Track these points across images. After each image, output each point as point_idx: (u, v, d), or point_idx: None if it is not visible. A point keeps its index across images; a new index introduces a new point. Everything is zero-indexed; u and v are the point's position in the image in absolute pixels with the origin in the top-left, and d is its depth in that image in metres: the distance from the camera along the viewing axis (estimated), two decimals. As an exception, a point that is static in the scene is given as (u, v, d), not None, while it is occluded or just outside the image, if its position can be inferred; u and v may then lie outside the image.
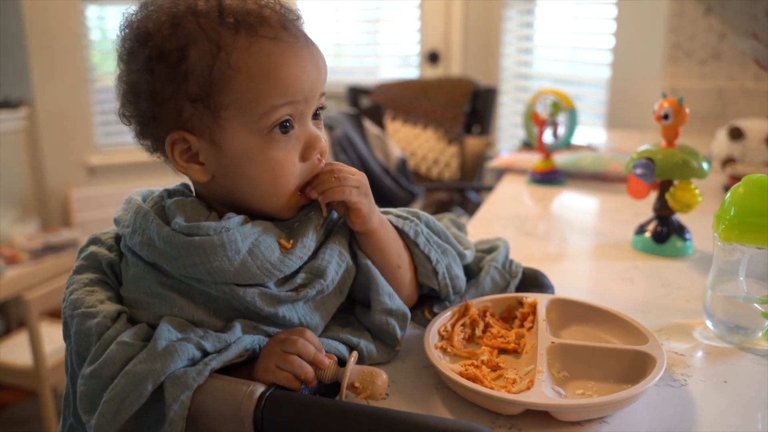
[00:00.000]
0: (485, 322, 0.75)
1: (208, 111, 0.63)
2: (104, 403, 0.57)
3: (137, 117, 0.66)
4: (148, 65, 0.63)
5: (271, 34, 0.63)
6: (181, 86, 0.62)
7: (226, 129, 0.63)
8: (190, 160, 0.66)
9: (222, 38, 0.62)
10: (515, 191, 1.47)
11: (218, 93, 0.62)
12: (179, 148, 0.65)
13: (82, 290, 0.66)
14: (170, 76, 0.62)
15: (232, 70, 0.61)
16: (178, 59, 0.62)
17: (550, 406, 0.58)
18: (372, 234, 0.69)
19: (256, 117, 0.63)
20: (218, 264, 0.61)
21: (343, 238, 0.70)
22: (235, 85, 0.62)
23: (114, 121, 3.26)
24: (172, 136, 0.64)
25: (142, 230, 0.64)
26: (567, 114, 1.45)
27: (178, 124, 0.64)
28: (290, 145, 0.65)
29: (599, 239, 1.13)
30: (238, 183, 0.65)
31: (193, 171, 0.66)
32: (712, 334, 0.77)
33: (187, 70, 0.62)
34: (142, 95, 0.64)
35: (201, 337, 0.61)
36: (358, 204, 0.67)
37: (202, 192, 0.70)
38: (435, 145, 2.37)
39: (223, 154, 0.64)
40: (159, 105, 0.63)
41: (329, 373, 0.62)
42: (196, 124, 0.63)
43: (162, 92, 0.63)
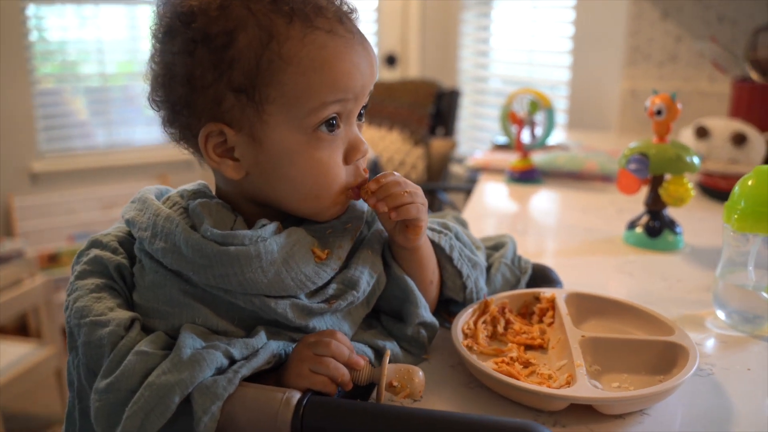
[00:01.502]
0: (505, 318, 0.74)
1: (252, 103, 0.58)
2: (127, 419, 0.53)
3: (169, 103, 0.61)
4: (189, 47, 0.58)
5: (327, 26, 0.59)
6: (225, 74, 0.58)
7: (269, 124, 0.59)
8: (224, 154, 0.61)
9: (275, 26, 0.57)
10: (495, 190, 1.47)
11: (265, 85, 0.58)
12: (214, 141, 0.60)
13: (88, 297, 0.61)
14: (213, 62, 0.57)
15: (283, 61, 0.57)
16: (224, 44, 0.57)
17: (596, 400, 0.57)
18: (417, 250, 0.67)
19: (303, 113, 0.59)
20: (252, 275, 0.58)
21: (375, 249, 0.67)
22: (285, 78, 0.58)
23: (57, 126, 3.13)
24: (209, 127, 0.59)
25: (165, 235, 0.59)
26: (545, 113, 1.46)
27: (216, 115, 0.59)
28: (335, 146, 0.62)
29: (590, 235, 1.14)
30: (277, 182, 0.61)
31: (226, 167, 0.61)
32: (724, 324, 0.78)
33: (233, 57, 0.57)
34: (179, 79, 0.59)
35: (227, 344, 0.57)
36: (421, 222, 0.64)
37: (226, 191, 0.66)
38: (401, 147, 2.36)
39: (263, 151, 0.60)
40: (197, 92, 0.59)
41: (364, 374, 0.59)
42: (236, 117, 0.59)
43: (202, 78, 0.58)
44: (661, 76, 2.10)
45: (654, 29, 2.09)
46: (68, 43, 3.21)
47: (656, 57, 2.11)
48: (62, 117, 3.18)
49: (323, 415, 0.54)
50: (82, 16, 3.15)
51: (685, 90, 2.05)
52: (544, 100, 1.45)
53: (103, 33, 3.14)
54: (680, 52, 2.07)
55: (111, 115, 3.24)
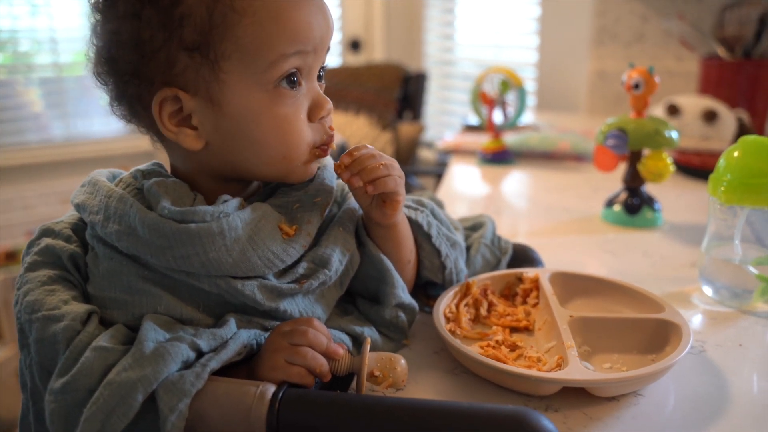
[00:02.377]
0: (488, 300, 0.71)
1: (207, 62, 0.54)
2: (85, 421, 0.48)
3: (116, 74, 0.56)
4: (133, 9, 0.53)
5: None
6: (175, 33, 0.53)
7: (227, 83, 0.54)
8: (181, 123, 0.56)
9: None
10: (467, 172, 1.44)
11: (219, 40, 0.53)
12: (169, 108, 0.55)
13: (39, 290, 0.56)
14: (162, 22, 0.53)
15: (237, 14, 0.53)
16: (171, 2, 0.52)
17: (589, 382, 0.54)
18: (394, 227, 0.64)
19: (262, 67, 0.54)
20: (215, 255, 0.53)
21: (349, 225, 0.63)
22: (240, 31, 0.53)
23: (10, 119, 3.00)
24: (162, 93, 0.54)
25: (119, 217, 0.54)
26: (516, 92, 1.43)
27: (169, 80, 0.54)
28: (299, 103, 0.57)
29: (567, 215, 1.11)
30: (240, 147, 0.57)
31: (185, 137, 0.56)
32: (710, 299, 0.76)
33: (183, 13, 0.52)
34: (125, 46, 0.54)
35: (193, 335, 0.53)
36: (398, 195, 0.61)
37: (184, 169, 0.61)
38: (369, 132, 2.31)
39: (223, 114, 0.55)
40: (146, 57, 0.54)
41: (344, 364, 0.55)
42: (191, 79, 0.54)
43: (151, 41, 0.53)
44: (628, 56, 2.09)
45: (620, 8, 2.08)
46: (19, 32, 3.07)
47: (623, 37, 2.10)
48: (15, 109, 3.05)
49: (301, 408, 0.50)
50: (33, 4, 3.02)
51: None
52: (515, 79, 1.42)
53: (57, 22, 3.01)
54: (647, 31, 2.06)
55: (67, 107, 3.12)
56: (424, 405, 0.49)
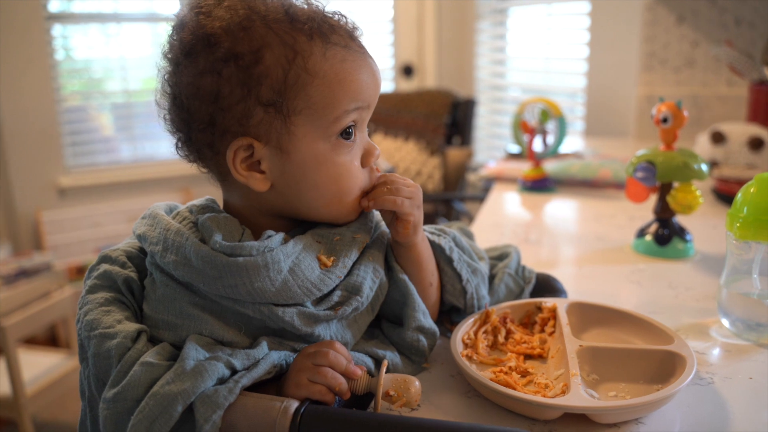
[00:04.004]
0: (507, 328, 0.75)
1: (280, 116, 0.61)
2: (132, 427, 0.55)
3: (190, 122, 0.63)
4: (216, 66, 0.60)
5: (342, 42, 0.63)
6: (253, 90, 0.60)
7: (296, 134, 0.61)
8: (251, 168, 0.63)
9: (298, 43, 0.60)
10: (507, 199, 1.47)
11: (293, 98, 0.60)
12: (242, 155, 0.62)
13: (97, 310, 0.64)
14: (242, 79, 0.60)
15: (309, 75, 0.60)
16: (251, 62, 0.59)
17: (589, 409, 0.57)
18: (413, 247, 0.69)
19: (328, 122, 0.62)
20: (260, 284, 0.59)
21: (378, 253, 0.69)
22: (311, 90, 0.60)
23: (83, 142, 3.21)
24: (238, 142, 0.61)
25: (176, 249, 0.61)
26: (556, 122, 1.46)
27: (245, 130, 0.61)
28: (354, 151, 0.65)
29: (599, 244, 1.14)
30: (302, 190, 0.64)
31: (254, 180, 0.63)
32: (729, 332, 0.77)
33: (262, 73, 0.60)
34: (204, 99, 0.61)
35: (229, 355, 0.59)
36: (407, 215, 0.67)
37: (236, 205, 0.68)
38: (417, 157, 2.37)
39: (290, 160, 0.62)
40: (224, 109, 0.61)
41: (362, 384, 0.60)
42: (264, 130, 0.61)
43: (230, 95, 0.60)
44: (678, 81, 2.08)
45: (669, 34, 2.08)
46: (93, 61, 3.29)
47: (673, 62, 2.09)
48: (88, 133, 3.26)
49: (320, 423, 0.55)
50: (106, 34, 3.24)
51: (703, 95, 2.03)
52: (555, 108, 1.46)
53: (127, 50, 3.22)
54: (697, 57, 2.05)
55: (135, 131, 3.32)
56: (428, 424, 0.54)
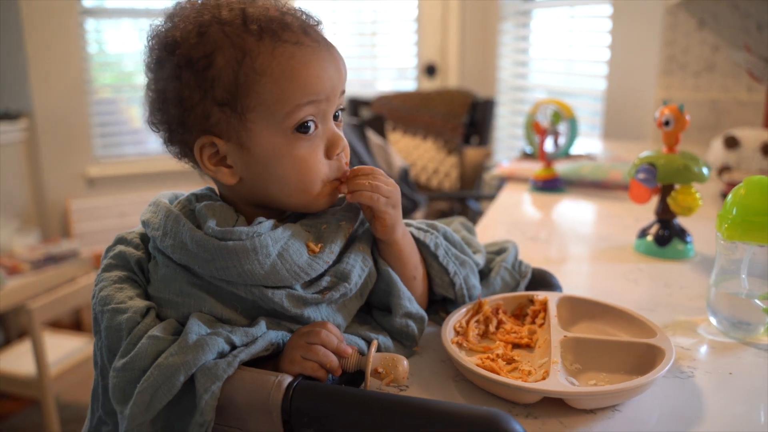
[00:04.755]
0: (498, 319, 0.78)
1: (235, 114, 0.65)
2: (137, 394, 0.59)
3: (166, 124, 0.68)
4: (175, 72, 0.65)
5: (293, 39, 0.65)
6: (209, 92, 0.64)
7: (252, 131, 0.65)
8: (219, 163, 0.68)
9: (247, 44, 0.64)
10: (517, 198, 1.50)
11: (244, 96, 0.64)
12: (207, 152, 0.67)
13: (111, 287, 0.68)
14: (197, 83, 0.64)
15: (257, 74, 0.64)
16: (205, 66, 0.64)
17: (565, 394, 0.60)
18: (393, 244, 0.72)
19: (280, 117, 0.65)
20: (249, 267, 0.63)
21: (366, 245, 0.72)
22: (260, 88, 0.64)
23: (112, 133, 3.30)
24: (201, 140, 0.66)
25: (174, 233, 0.66)
26: (567, 123, 1.49)
27: (206, 129, 0.66)
28: (314, 144, 0.67)
29: (602, 243, 1.16)
30: (267, 182, 0.68)
31: (222, 174, 0.68)
32: (716, 330, 0.80)
33: (214, 75, 0.64)
34: (171, 102, 0.66)
35: (229, 332, 0.63)
36: (383, 213, 0.70)
37: (228, 195, 0.72)
38: (435, 156, 2.40)
39: (251, 155, 0.66)
40: (187, 111, 0.66)
41: (352, 362, 0.64)
42: (224, 128, 0.66)
43: (190, 98, 0.65)
44: (697, 86, 2.08)
45: (690, 38, 2.08)
46: (125, 55, 3.39)
47: (692, 66, 2.09)
48: (117, 125, 3.36)
49: (310, 397, 0.59)
50: (138, 29, 3.32)
51: (722, 100, 2.03)
52: (567, 110, 1.48)
53: (157, 45, 3.29)
54: (717, 62, 2.05)
55: None
56: (410, 401, 0.57)
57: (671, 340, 0.68)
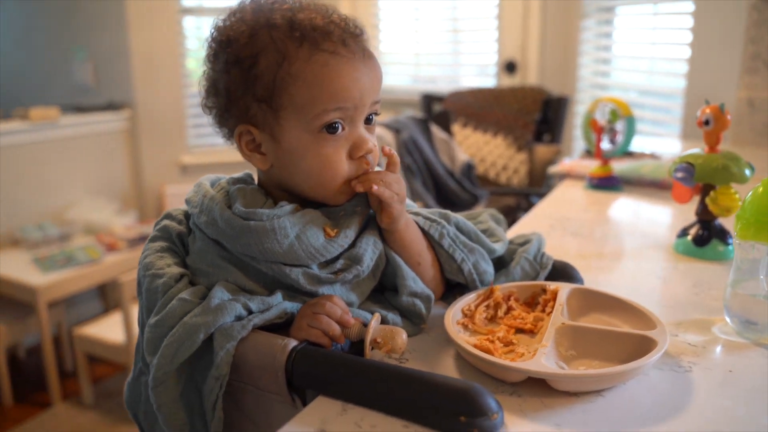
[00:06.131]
0: (508, 305, 0.81)
1: (270, 110, 0.72)
2: (164, 347, 0.68)
3: (215, 109, 0.77)
4: (226, 67, 0.73)
5: (331, 48, 0.71)
6: (250, 88, 0.72)
7: (284, 126, 0.73)
8: (254, 150, 0.76)
9: (288, 49, 0.71)
10: (570, 195, 1.50)
11: (279, 96, 0.71)
12: (245, 138, 0.75)
13: (153, 255, 0.78)
14: (242, 79, 0.72)
15: (292, 77, 0.71)
16: (250, 65, 0.72)
17: (547, 374, 0.63)
18: (395, 233, 0.77)
19: (309, 118, 0.72)
20: (269, 245, 0.70)
21: (376, 230, 0.78)
22: (294, 90, 0.71)
23: (204, 124, 3.51)
24: (240, 128, 0.74)
25: (208, 211, 0.75)
26: (625, 121, 1.47)
27: (246, 119, 0.74)
28: (339, 144, 0.74)
29: (644, 241, 1.15)
30: (293, 173, 0.75)
31: (256, 159, 0.76)
32: (731, 330, 0.79)
33: (257, 74, 0.72)
34: (220, 92, 0.74)
35: (248, 299, 0.71)
36: (391, 207, 0.75)
37: (263, 180, 0.80)
38: (504, 152, 2.41)
39: (281, 147, 0.74)
40: (232, 101, 0.74)
41: (354, 331, 0.70)
42: (260, 120, 0.73)
43: (235, 91, 0.73)
44: (783, 86, 1.98)
45: (777, 36, 1.97)
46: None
47: (779, 65, 1.99)
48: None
49: (309, 360, 0.66)
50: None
51: (811, 101, 1.92)
52: (624, 108, 1.46)
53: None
54: (807, 61, 1.94)
55: None
56: (398, 369, 0.63)
57: (668, 334, 0.69)
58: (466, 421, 0.57)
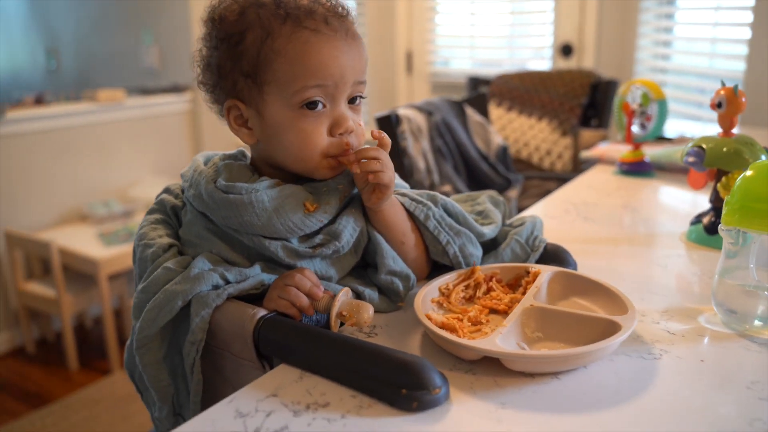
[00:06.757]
0: (488, 285, 0.82)
1: (255, 85, 0.75)
2: (146, 311, 0.73)
3: (208, 85, 0.80)
4: (217, 44, 0.77)
5: (312, 26, 0.74)
6: (237, 63, 0.75)
7: (267, 101, 0.75)
8: (242, 125, 0.79)
9: (272, 26, 0.74)
10: (598, 180, 1.46)
11: (263, 71, 0.74)
12: (234, 113, 0.79)
13: (148, 227, 0.83)
14: (230, 55, 0.76)
15: (274, 53, 0.73)
16: (237, 41, 0.75)
17: (498, 353, 0.63)
18: (380, 212, 0.79)
19: (289, 94, 0.74)
20: (248, 218, 0.74)
21: (359, 208, 0.79)
22: (276, 66, 0.74)
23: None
24: (228, 102, 0.78)
25: (196, 185, 0.78)
26: (657, 105, 1.42)
27: (234, 94, 0.77)
28: (319, 121, 0.76)
29: (660, 228, 1.12)
30: (276, 148, 0.78)
31: (243, 134, 0.79)
32: (717, 320, 0.77)
33: (242, 51, 0.75)
34: (212, 68, 0.78)
35: (226, 269, 0.74)
36: (389, 190, 0.76)
37: (254, 156, 0.83)
38: (548, 137, 2.36)
39: (264, 122, 0.77)
40: (221, 77, 0.77)
41: (322, 304, 0.72)
42: (246, 95, 0.76)
43: (224, 67, 0.76)
44: None
45: None
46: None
47: None
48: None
49: (273, 329, 0.68)
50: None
51: None
52: (656, 91, 1.41)
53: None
54: None
55: None
56: (353, 341, 0.65)
57: (636, 320, 0.68)
58: (406, 393, 0.59)
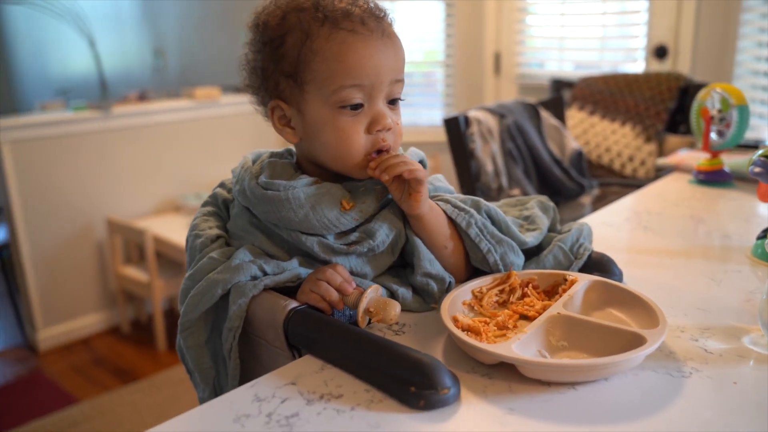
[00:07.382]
0: (523, 291, 0.81)
1: (296, 85, 0.79)
2: (190, 297, 0.78)
3: (254, 88, 0.85)
4: (259, 47, 0.81)
5: (349, 26, 0.76)
6: (279, 65, 0.79)
7: (308, 101, 0.79)
8: (285, 124, 0.83)
9: (311, 28, 0.77)
10: (670, 189, 1.40)
11: (303, 71, 0.78)
12: (277, 114, 0.82)
13: (200, 218, 0.88)
14: (272, 57, 0.80)
15: (313, 54, 0.77)
16: (279, 44, 0.79)
17: (513, 359, 0.63)
18: (421, 218, 0.80)
19: (328, 93, 0.77)
20: (285, 214, 0.77)
21: (397, 209, 0.81)
22: (315, 66, 0.77)
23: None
24: (272, 103, 0.82)
25: (241, 181, 0.83)
26: (737, 110, 1.34)
27: (276, 95, 0.81)
28: (357, 120, 0.78)
29: (724, 242, 1.06)
30: (316, 146, 0.81)
31: (286, 133, 0.83)
32: (764, 342, 0.72)
33: (284, 52, 0.79)
34: (257, 71, 0.82)
35: (264, 262, 0.78)
36: (422, 187, 0.77)
37: (299, 155, 0.87)
38: (631, 142, 2.27)
39: (305, 121, 0.80)
40: (265, 79, 0.82)
41: (351, 299, 0.75)
42: (288, 95, 0.80)
43: (267, 69, 0.81)
44: None
45: None
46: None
47: None
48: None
49: (302, 320, 0.72)
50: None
51: None
52: (737, 96, 1.33)
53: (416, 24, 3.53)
54: None
55: (413, 98, 3.65)
56: (374, 338, 0.67)
57: (664, 335, 0.65)
58: (415, 391, 0.60)
